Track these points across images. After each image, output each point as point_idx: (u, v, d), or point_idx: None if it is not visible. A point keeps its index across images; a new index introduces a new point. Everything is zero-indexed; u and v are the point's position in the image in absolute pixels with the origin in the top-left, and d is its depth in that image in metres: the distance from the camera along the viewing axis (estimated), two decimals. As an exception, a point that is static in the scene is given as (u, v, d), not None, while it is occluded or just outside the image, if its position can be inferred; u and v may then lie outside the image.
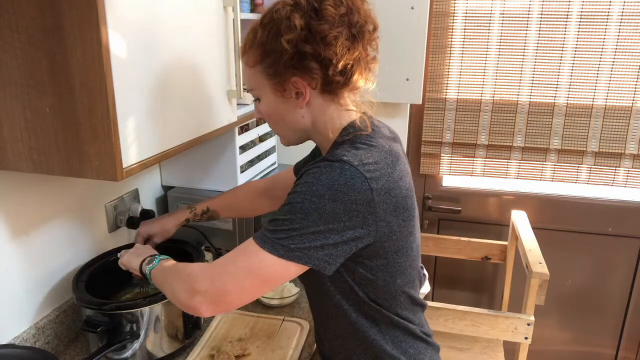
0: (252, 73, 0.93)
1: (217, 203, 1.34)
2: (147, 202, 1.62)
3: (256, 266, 0.83)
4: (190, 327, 1.22)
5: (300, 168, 1.25)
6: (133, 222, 1.48)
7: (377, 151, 0.89)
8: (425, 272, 1.79)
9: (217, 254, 1.59)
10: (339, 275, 0.91)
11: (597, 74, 1.85)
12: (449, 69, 1.97)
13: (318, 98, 0.92)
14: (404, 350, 0.98)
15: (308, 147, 1.11)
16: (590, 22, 1.81)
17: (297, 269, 0.84)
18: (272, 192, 1.33)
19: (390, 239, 0.89)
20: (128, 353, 1.14)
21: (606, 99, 1.87)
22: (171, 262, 1.01)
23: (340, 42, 0.85)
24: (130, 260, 1.10)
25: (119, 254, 1.17)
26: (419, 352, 1.00)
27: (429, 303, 1.65)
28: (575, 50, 1.85)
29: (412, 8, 1.79)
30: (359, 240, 0.85)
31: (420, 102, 1.91)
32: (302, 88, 0.90)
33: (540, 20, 1.84)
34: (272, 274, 0.83)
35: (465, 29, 1.91)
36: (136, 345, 1.14)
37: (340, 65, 0.87)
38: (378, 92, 0.98)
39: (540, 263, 1.64)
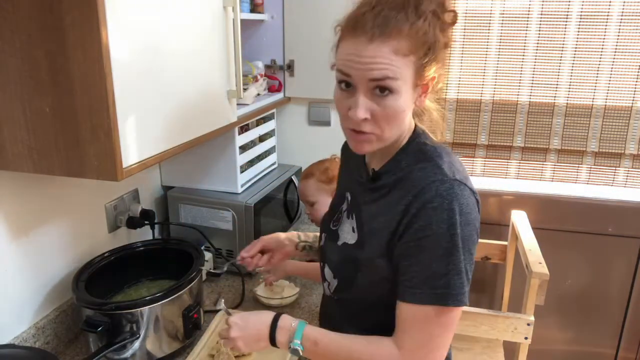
0: (400, 63, 0.78)
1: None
2: (147, 202, 1.62)
3: (454, 324, 0.83)
4: (190, 327, 1.22)
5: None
6: (133, 222, 1.48)
7: (461, 164, 0.88)
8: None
9: (217, 254, 1.59)
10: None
11: (597, 74, 1.85)
12: (449, 69, 1.97)
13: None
14: None
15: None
16: (590, 22, 1.81)
17: None
18: None
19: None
20: (128, 353, 1.14)
21: (606, 99, 1.87)
22: (323, 339, 0.87)
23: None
24: (254, 347, 0.93)
25: (220, 338, 0.95)
26: None
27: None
28: (575, 50, 1.85)
29: (412, 8, 1.79)
30: None
31: (420, 102, 1.91)
32: (431, 82, 0.84)
33: (540, 20, 1.84)
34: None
35: (465, 29, 1.91)
36: (136, 345, 1.14)
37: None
38: None
39: (540, 263, 1.64)
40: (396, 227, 0.82)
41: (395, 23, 0.77)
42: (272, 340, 0.89)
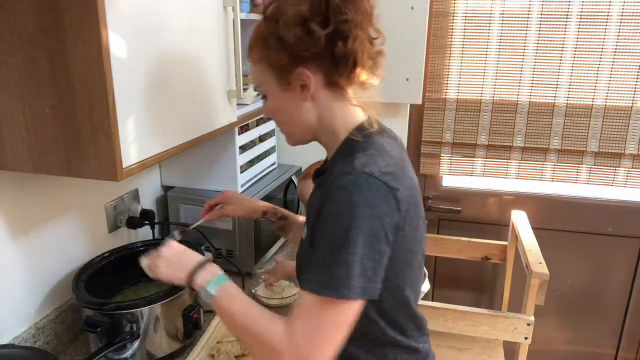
0: (258, 69, 0.90)
1: (294, 219, 1.27)
2: (147, 202, 1.62)
3: (343, 320, 0.78)
4: (190, 327, 1.22)
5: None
6: (133, 222, 1.48)
7: (392, 158, 0.85)
8: (425, 270, 1.80)
9: (217, 254, 1.59)
10: None
11: (597, 74, 1.85)
12: (449, 69, 1.97)
13: (323, 91, 0.88)
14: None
15: (311, 149, 1.08)
16: (590, 22, 1.81)
17: (363, 304, 0.79)
18: None
19: (403, 250, 0.85)
20: (128, 353, 1.14)
21: (606, 99, 1.87)
22: (237, 297, 0.87)
23: (348, 26, 0.81)
24: (170, 273, 0.94)
25: (142, 261, 0.99)
26: None
27: (429, 303, 1.65)
28: (575, 50, 1.85)
29: (412, 8, 1.79)
30: (387, 256, 0.81)
31: (420, 102, 1.91)
32: (307, 79, 0.85)
33: (540, 20, 1.84)
34: (353, 318, 0.79)
35: (465, 29, 1.91)
36: (136, 345, 1.14)
37: (347, 53, 0.82)
38: (377, 92, 0.96)
39: (540, 263, 1.64)
40: (314, 222, 0.84)
41: (254, 34, 0.89)
42: (190, 276, 0.89)
